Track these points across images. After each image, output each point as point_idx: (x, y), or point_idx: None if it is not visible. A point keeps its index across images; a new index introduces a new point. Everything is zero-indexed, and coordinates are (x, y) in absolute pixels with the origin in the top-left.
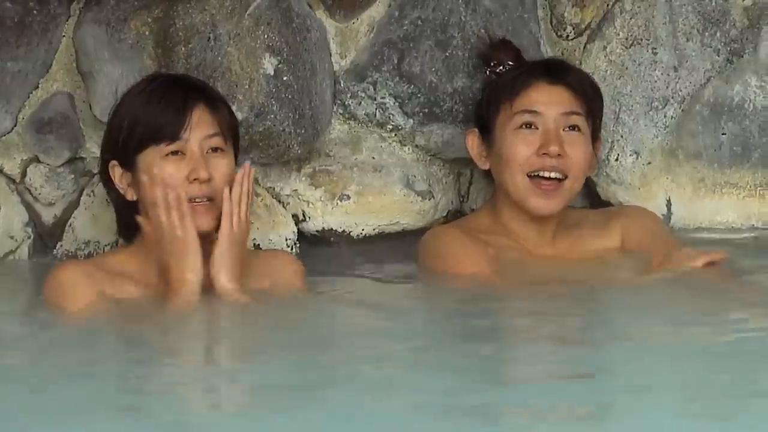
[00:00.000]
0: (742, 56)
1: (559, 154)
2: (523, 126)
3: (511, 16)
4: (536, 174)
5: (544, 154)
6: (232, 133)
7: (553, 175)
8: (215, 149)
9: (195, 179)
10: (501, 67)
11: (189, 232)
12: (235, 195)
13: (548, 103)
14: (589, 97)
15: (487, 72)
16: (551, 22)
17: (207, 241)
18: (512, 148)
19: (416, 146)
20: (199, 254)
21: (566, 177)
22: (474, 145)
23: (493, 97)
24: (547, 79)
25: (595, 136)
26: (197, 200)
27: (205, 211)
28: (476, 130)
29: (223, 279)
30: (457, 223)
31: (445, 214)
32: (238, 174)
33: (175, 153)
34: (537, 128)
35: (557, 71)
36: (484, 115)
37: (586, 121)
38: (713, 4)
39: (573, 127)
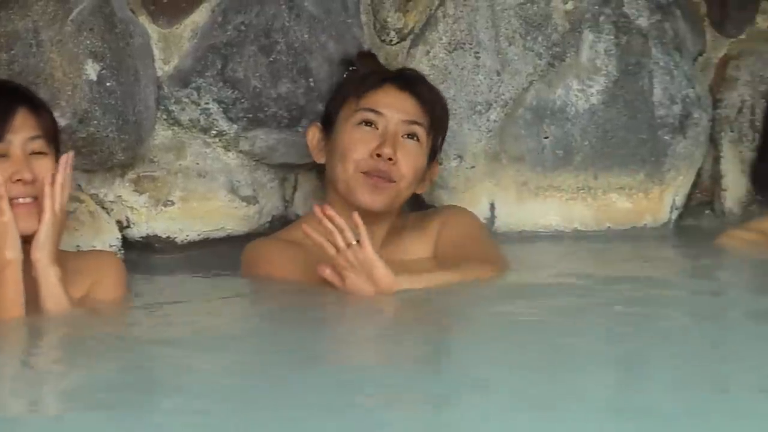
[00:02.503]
0: (564, 60)
1: (390, 158)
2: (364, 123)
3: (335, 21)
4: (368, 172)
5: (378, 155)
6: (54, 137)
7: (384, 174)
8: (38, 152)
9: (18, 180)
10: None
11: (6, 214)
12: (57, 179)
13: (393, 106)
14: (435, 115)
15: (345, 75)
16: (375, 27)
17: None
18: (349, 143)
19: (240, 152)
20: (17, 235)
21: (394, 182)
22: (314, 137)
23: (342, 92)
24: (397, 85)
25: (433, 157)
26: (20, 200)
27: (28, 213)
28: (319, 124)
29: (45, 260)
30: (279, 234)
31: (269, 220)
32: (61, 159)
33: None
34: (377, 128)
35: (410, 80)
36: (329, 109)
37: (427, 135)
38: (535, 8)
39: (412, 136)
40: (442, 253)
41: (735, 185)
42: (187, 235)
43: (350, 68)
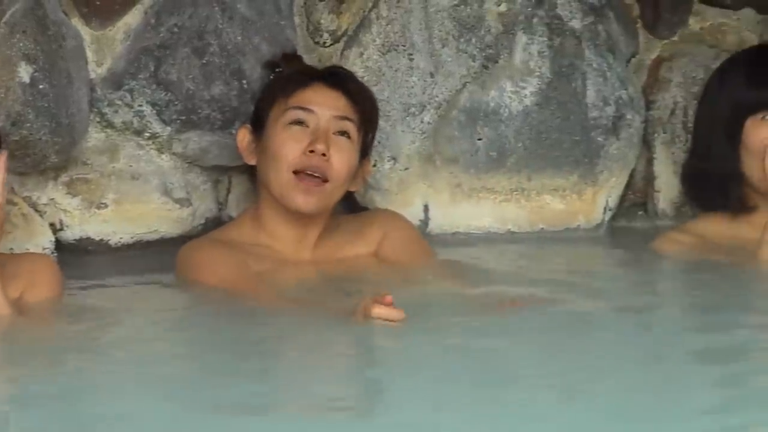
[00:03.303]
0: (497, 62)
1: (323, 154)
2: (295, 122)
3: (268, 23)
4: (300, 171)
5: (310, 152)
6: None
7: (317, 173)
8: None
9: None
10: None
11: None
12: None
13: (323, 104)
14: (365, 111)
15: (272, 77)
16: (308, 29)
17: None
18: (281, 143)
19: (174, 154)
20: None
21: (328, 181)
22: (244, 139)
23: (270, 92)
24: (326, 82)
25: (364, 154)
26: None
27: None
28: (249, 125)
29: None
30: (214, 234)
31: (203, 222)
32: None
33: None
34: (308, 126)
35: (338, 77)
36: (258, 110)
37: (358, 131)
38: (468, 10)
39: (343, 133)
40: (388, 257)
41: (668, 186)
42: (121, 238)
43: (276, 70)
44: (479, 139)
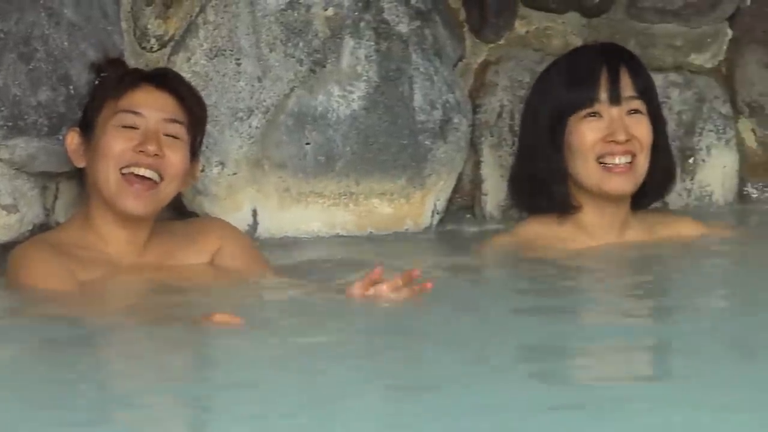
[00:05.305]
0: (325, 66)
1: (156, 154)
2: (124, 125)
3: (95, 29)
4: (130, 172)
5: (141, 152)
6: None
7: (148, 174)
8: None
9: None
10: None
11: None
12: None
13: (152, 106)
14: (194, 113)
15: (97, 82)
16: (135, 34)
17: None
18: (110, 143)
19: (1, 160)
20: None
21: (162, 179)
22: (73, 142)
23: (100, 94)
24: (155, 84)
25: (193, 156)
26: None
27: None
28: (78, 128)
29: None
30: (44, 236)
31: (30, 228)
32: None
33: None
34: (138, 129)
35: (167, 78)
36: (87, 113)
37: (188, 133)
38: (296, 14)
39: (173, 135)
40: (227, 267)
41: (495, 190)
42: None
43: (101, 74)
44: (307, 144)
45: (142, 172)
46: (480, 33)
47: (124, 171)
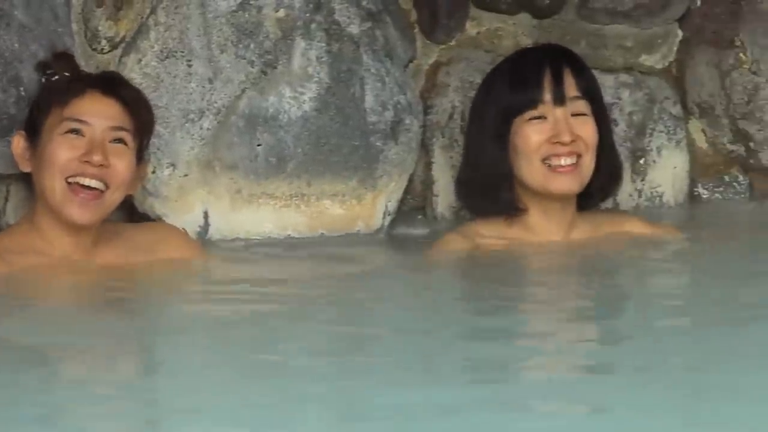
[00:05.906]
0: (276, 68)
1: (102, 164)
2: (70, 132)
3: (45, 30)
4: (76, 182)
5: (86, 161)
6: None
7: (93, 184)
8: None
9: None
10: (57, 77)
11: None
12: None
13: (98, 114)
14: (140, 117)
15: (44, 80)
16: (86, 36)
17: None
18: (55, 152)
19: None
20: None
21: (108, 188)
22: (18, 146)
23: (45, 100)
24: (101, 90)
25: (140, 158)
26: None
27: None
28: (24, 132)
29: None
30: None
31: None
32: None
33: None
34: (84, 136)
35: (113, 84)
36: (33, 117)
37: (134, 139)
38: (247, 16)
39: (119, 141)
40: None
41: (446, 191)
42: None
43: (47, 72)
44: (258, 145)
45: (87, 182)
46: (431, 34)
47: (70, 180)
